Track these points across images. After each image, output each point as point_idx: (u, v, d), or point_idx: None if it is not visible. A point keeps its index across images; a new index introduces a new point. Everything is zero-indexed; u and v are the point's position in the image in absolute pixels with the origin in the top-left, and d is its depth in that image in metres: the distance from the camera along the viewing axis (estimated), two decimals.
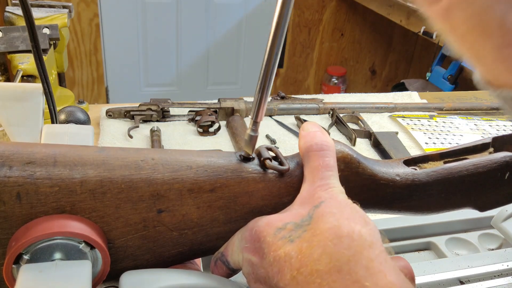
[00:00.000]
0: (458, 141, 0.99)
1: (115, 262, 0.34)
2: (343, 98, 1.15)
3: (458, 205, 0.43)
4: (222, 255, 0.37)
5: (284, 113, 1.04)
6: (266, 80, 0.34)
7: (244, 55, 2.99)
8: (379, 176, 0.39)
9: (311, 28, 3.08)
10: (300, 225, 0.32)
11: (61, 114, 0.55)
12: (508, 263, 0.56)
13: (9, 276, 0.31)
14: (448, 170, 0.41)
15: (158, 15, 2.72)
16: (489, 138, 0.45)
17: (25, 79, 0.88)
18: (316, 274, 0.28)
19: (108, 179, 0.33)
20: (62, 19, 1.00)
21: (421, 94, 1.22)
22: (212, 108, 0.98)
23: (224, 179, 0.35)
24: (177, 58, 2.88)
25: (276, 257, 0.31)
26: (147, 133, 0.91)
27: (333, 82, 3.16)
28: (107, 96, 2.82)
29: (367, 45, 3.24)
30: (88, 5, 2.54)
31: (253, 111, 0.35)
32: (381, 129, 1.02)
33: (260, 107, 0.35)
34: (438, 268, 0.55)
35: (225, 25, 2.87)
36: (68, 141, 0.46)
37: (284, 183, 0.37)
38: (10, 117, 0.50)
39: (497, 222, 0.57)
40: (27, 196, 0.31)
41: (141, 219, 0.34)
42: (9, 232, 0.31)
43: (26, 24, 0.48)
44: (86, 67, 2.69)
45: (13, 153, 0.32)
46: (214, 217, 0.35)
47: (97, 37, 2.63)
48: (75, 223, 0.31)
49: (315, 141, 0.37)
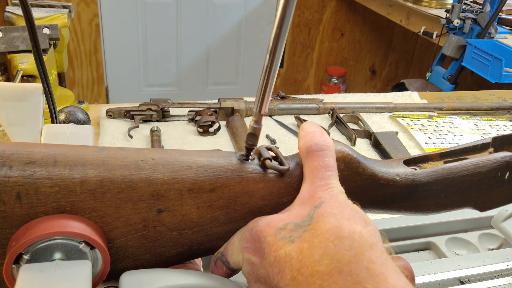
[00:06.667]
0: (458, 141, 0.99)
1: (115, 262, 0.34)
2: (343, 98, 1.15)
3: (458, 205, 0.43)
4: (222, 255, 0.37)
5: (284, 113, 1.04)
6: (271, 70, 0.33)
7: (244, 55, 2.99)
8: (379, 176, 0.39)
9: (311, 28, 3.08)
10: (300, 226, 0.32)
11: (61, 114, 0.55)
12: (508, 263, 0.56)
13: (9, 276, 0.31)
14: (448, 170, 0.41)
15: (158, 15, 2.72)
16: (489, 138, 0.45)
17: (25, 79, 0.88)
18: (316, 275, 0.28)
19: (108, 179, 0.33)
20: (62, 19, 1.00)
21: (421, 94, 1.22)
22: (212, 108, 0.98)
23: (224, 179, 0.35)
24: (177, 58, 2.88)
25: (276, 258, 0.31)
26: (147, 133, 0.91)
27: (333, 82, 3.16)
28: (107, 96, 2.82)
29: (367, 45, 3.24)
30: (88, 5, 2.54)
31: (256, 103, 0.35)
32: (381, 129, 1.02)
33: (264, 99, 0.35)
34: (438, 268, 0.55)
35: (225, 25, 2.87)
36: (68, 141, 0.46)
37: (284, 183, 0.37)
38: (10, 117, 0.50)
39: (497, 222, 0.57)
40: (27, 196, 0.31)
41: (141, 219, 0.34)
42: (9, 232, 0.31)
43: (26, 24, 0.48)
44: (86, 67, 2.69)
45: (13, 153, 0.32)
46: (214, 217, 0.35)
47: (97, 37, 2.63)
48: (75, 223, 0.31)
49: (314, 141, 0.36)
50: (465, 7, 1.92)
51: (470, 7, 1.95)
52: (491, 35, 1.90)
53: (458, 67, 1.94)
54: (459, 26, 1.89)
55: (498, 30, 1.94)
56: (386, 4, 2.51)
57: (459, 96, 1.25)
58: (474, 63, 1.80)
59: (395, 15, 2.44)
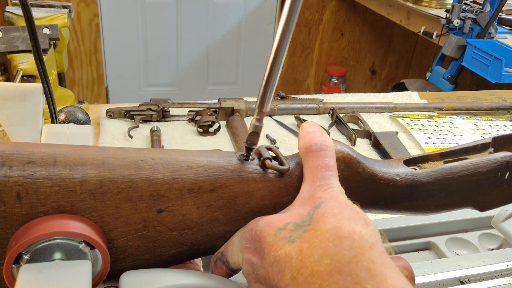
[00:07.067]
0: (458, 141, 0.99)
1: (115, 262, 0.34)
2: (343, 98, 1.15)
3: (458, 205, 0.43)
4: (222, 255, 0.37)
5: (284, 113, 1.04)
6: (274, 68, 0.33)
7: (244, 55, 2.99)
8: (379, 176, 0.39)
9: (311, 28, 3.08)
10: (300, 226, 0.32)
11: (61, 114, 0.55)
12: (508, 263, 0.56)
13: (9, 276, 0.31)
14: (448, 170, 0.41)
15: (158, 15, 2.72)
16: (489, 138, 0.45)
17: (25, 79, 0.88)
18: (316, 275, 0.28)
19: (108, 179, 0.33)
20: (62, 19, 1.00)
21: (421, 94, 1.22)
22: (212, 108, 0.98)
23: (224, 179, 0.35)
24: (177, 58, 2.88)
25: (276, 258, 0.31)
26: (147, 133, 0.91)
27: (333, 82, 3.16)
28: (107, 96, 2.82)
29: (367, 45, 3.24)
30: (88, 5, 2.54)
31: (258, 100, 0.35)
32: (381, 129, 1.02)
33: (265, 97, 0.34)
34: (438, 268, 0.55)
35: (225, 25, 2.87)
36: (68, 141, 0.46)
37: (284, 183, 0.37)
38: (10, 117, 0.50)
39: (497, 222, 0.57)
40: (27, 196, 0.31)
41: (141, 219, 0.34)
42: (9, 232, 0.31)
43: (26, 24, 0.48)
44: (86, 67, 2.69)
45: (13, 153, 0.32)
46: (214, 217, 0.35)
47: (97, 37, 2.63)
48: (75, 223, 0.31)
49: (314, 141, 0.36)
50: (465, 7, 1.92)
51: (470, 7, 1.95)
52: (491, 35, 1.90)
53: (458, 67, 1.94)
54: (459, 26, 1.89)
55: (498, 30, 1.94)
56: (386, 4, 2.51)
57: (459, 96, 1.25)
58: (474, 63, 1.80)
59: (395, 15, 2.44)
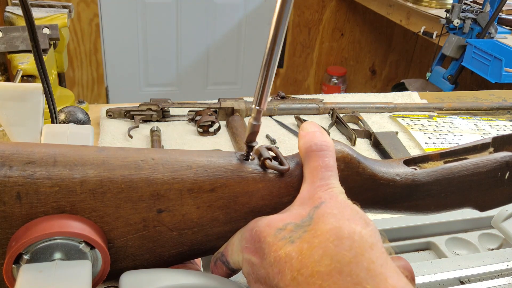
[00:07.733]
0: (458, 141, 0.99)
1: (115, 262, 0.34)
2: (343, 98, 1.15)
3: (458, 205, 0.43)
4: (222, 255, 0.37)
5: (284, 113, 1.04)
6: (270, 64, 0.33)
7: (244, 55, 2.99)
8: (379, 176, 0.39)
9: (311, 28, 3.08)
10: (300, 226, 0.32)
11: (61, 114, 0.55)
12: (508, 263, 0.56)
13: (9, 276, 0.31)
14: (448, 170, 0.41)
15: (158, 15, 2.72)
16: (489, 138, 0.45)
17: (25, 79, 0.88)
18: (316, 275, 0.28)
19: (108, 179, 0.33)
20: (62, 19, 1.00)
21: (421, 94, 1.22)
22: (212, 108, 0.98)
23: (224, 179, 0.35)
24: (177, 58, 2.88)
25: (276, 258, 0.31)
26: (147, 133, 0.91)
27: (333, 82, 3.16)
28: (107, 96, 2.82)
29: (367, 45, 3.24)
30: (88, 5, 2.54)
31: (255, 98, 0.35)
32: (381, 129, 1.02)
33: (263, 94, 0.34)
34: (438, 268, 0.55)
35: (225, 25, 2.87)
36: (68, 141, 0.46)
37: (284, 183, 0.37)
38: (10, 117, 0.50)
39: (497, 222, 0.57)
40: (27, 196, 0.31)
41: (141, 219, 0.34)
42: (9, 232, 0.31)
43: (26, 24, 0.48)
44: (86, 67, 2.69)
45: (13, 153, 0.32)
46: (214, 217, 0.35)
47: (97, 37, 2.63)
48: (75, 223, 0.31)
49: (314, 141, 0.36)
50: (465, 7, 1.92)
51: (470, 7, 1.95)
52: (491, 35, 1.90)
53: (458, 67, 1.94)
54: (459, 26, 1.89)
55: (498, 30, 1.94)
56: (386, 4, 2.51)
57: (459, 96, 1.25)
58: (474, 63, 1.80)
59: (395, 15, 2.44)
